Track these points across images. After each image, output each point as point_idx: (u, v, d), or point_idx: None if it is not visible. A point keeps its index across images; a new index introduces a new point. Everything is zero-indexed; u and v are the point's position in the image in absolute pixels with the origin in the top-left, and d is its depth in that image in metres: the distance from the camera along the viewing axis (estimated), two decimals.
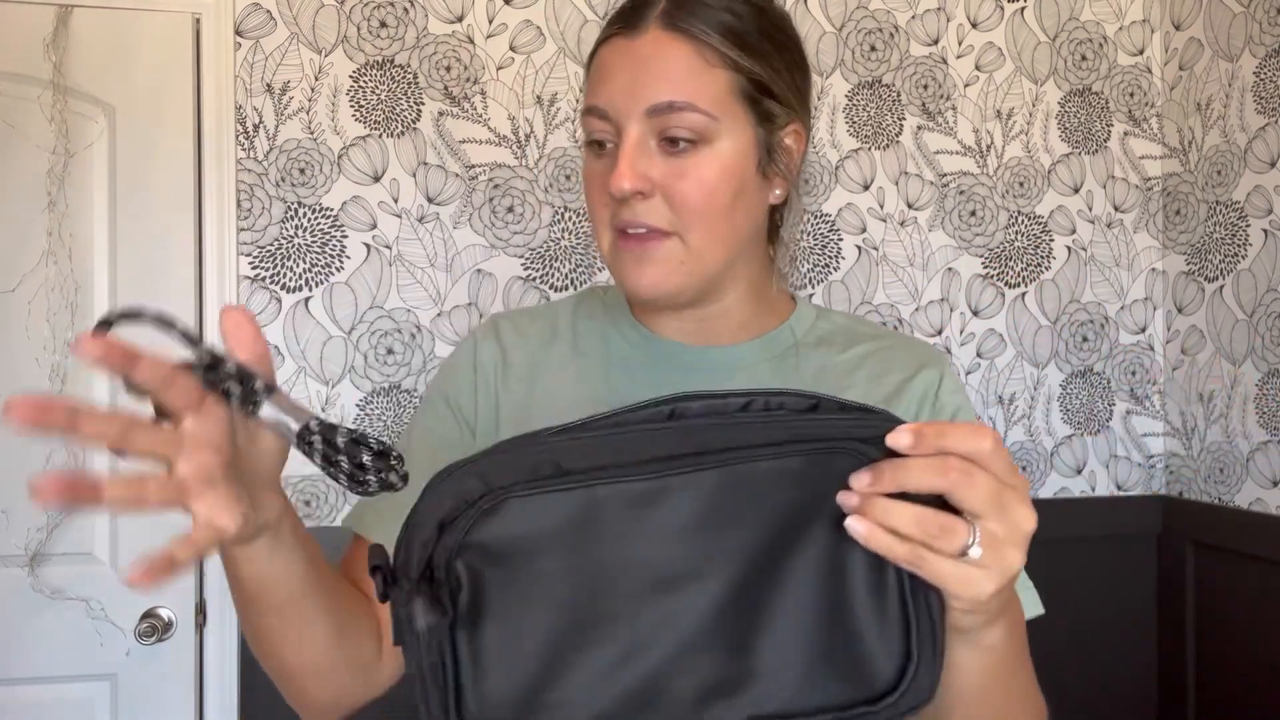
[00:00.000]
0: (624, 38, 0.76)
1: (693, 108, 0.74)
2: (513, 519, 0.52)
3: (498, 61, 1.91)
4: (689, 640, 0.53)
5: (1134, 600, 2.10)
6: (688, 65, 0.74)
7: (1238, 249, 1.93)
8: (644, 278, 0.76)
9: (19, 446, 1.72)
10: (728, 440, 0.52)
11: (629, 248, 0.77)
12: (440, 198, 1.89)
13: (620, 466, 0.52)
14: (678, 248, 0.76)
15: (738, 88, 0.77)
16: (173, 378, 0.53)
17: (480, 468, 0.52)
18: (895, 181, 2.05)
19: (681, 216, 0.75)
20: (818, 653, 0.54)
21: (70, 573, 1.73)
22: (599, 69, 0.78)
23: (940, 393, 0.84)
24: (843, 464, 0.53)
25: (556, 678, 0.53)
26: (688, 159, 0.75)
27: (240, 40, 1.82)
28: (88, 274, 1.75)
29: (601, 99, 0.76)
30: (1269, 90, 1.85)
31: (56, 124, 1.72)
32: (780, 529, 0.53)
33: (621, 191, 0.73)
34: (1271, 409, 1.85)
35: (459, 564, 0.52)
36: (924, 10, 2.06)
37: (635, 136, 0.75)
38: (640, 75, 0.74)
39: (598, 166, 0.78)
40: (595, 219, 0.79)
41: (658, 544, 0.53)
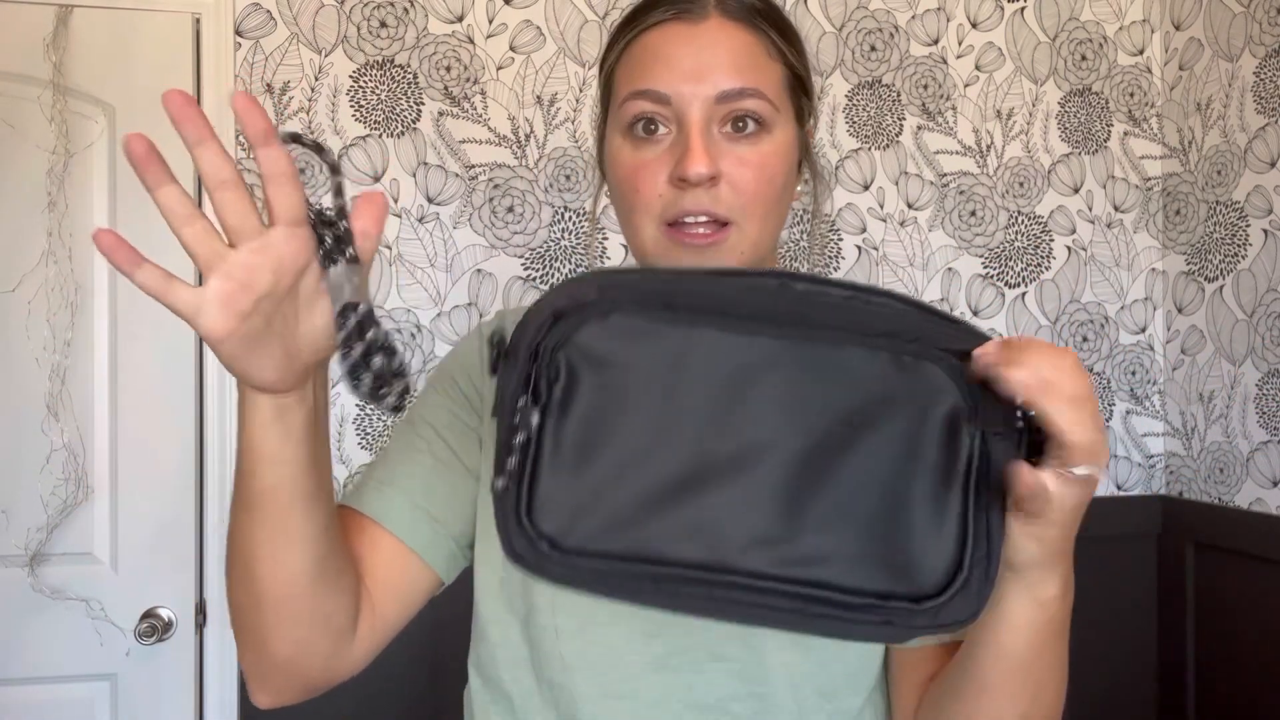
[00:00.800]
0: (683, 23, 0.75)
1: (761, 95, 0.74)
2: (615, 332, 0.55)
3: (498, 61, 1.91)
4: (748, 491, 0.55)
5: (1134, 600, 2.10)
6: (752, 53, 0.75)
7: (1238, 249, 1.93)
8: None
9: (18, 447, 1.72)
10: (831, 320, 0.55)
11: (690, 241, 0.74)
12: (440, 198, 1.89)
13: (722, 315, 0.55)
14: (738, 238, 0.74)
15: (787, 81, 0.77)
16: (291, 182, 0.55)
17: (600, 280, 0.56)
18: (895, 181, 2.05)
19: (744, 204, 0.74)
20: (866, 538, 0.55)
21: (70, 573, 1.73)
22: (653, 54, 0.75)
23: None
24: (930, 371, 0.55)
25: (618, 484, 0.55)
26: (751, 146, 0.74)
27: (240, 40, 1.82)
28: (88, 274, 1.75)
29: (661, 83, 0.74)
30: (1269, 90, 1.85)
31: (56, 124, 1.72)
32: (857, 416, 0.55)
33: (700, 175, 0.71)
34: (1271, 409, 1.85)
35: (561, 355, 0.55)
36: (924, 10, 2.07)
37: (704, 122, 0.73)
38: (707, 61, 0.73)
39: (646, 155, 0.75)
40: (637, 210, 0.76)
41: (738, 397, 0.55)
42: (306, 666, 0.73)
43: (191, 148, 0.53)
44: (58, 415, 1.72)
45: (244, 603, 0.71)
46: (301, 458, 0.64)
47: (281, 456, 0.63)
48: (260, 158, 0.54)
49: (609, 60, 0.80)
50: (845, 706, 0.78)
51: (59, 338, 1.73)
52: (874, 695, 0.80)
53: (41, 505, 1.72)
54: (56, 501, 1.72)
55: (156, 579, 1.76)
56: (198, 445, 1.79)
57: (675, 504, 0.55)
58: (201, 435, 1.79)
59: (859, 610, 0.55)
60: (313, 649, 0.72)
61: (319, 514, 0.68)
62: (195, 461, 1.78)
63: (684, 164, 0.72)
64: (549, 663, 0.78)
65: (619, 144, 0.77)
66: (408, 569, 0.79)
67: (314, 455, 0.66)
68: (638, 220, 0.76)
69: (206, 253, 0.55)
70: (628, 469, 0.55)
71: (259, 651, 0.72)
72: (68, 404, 1.73)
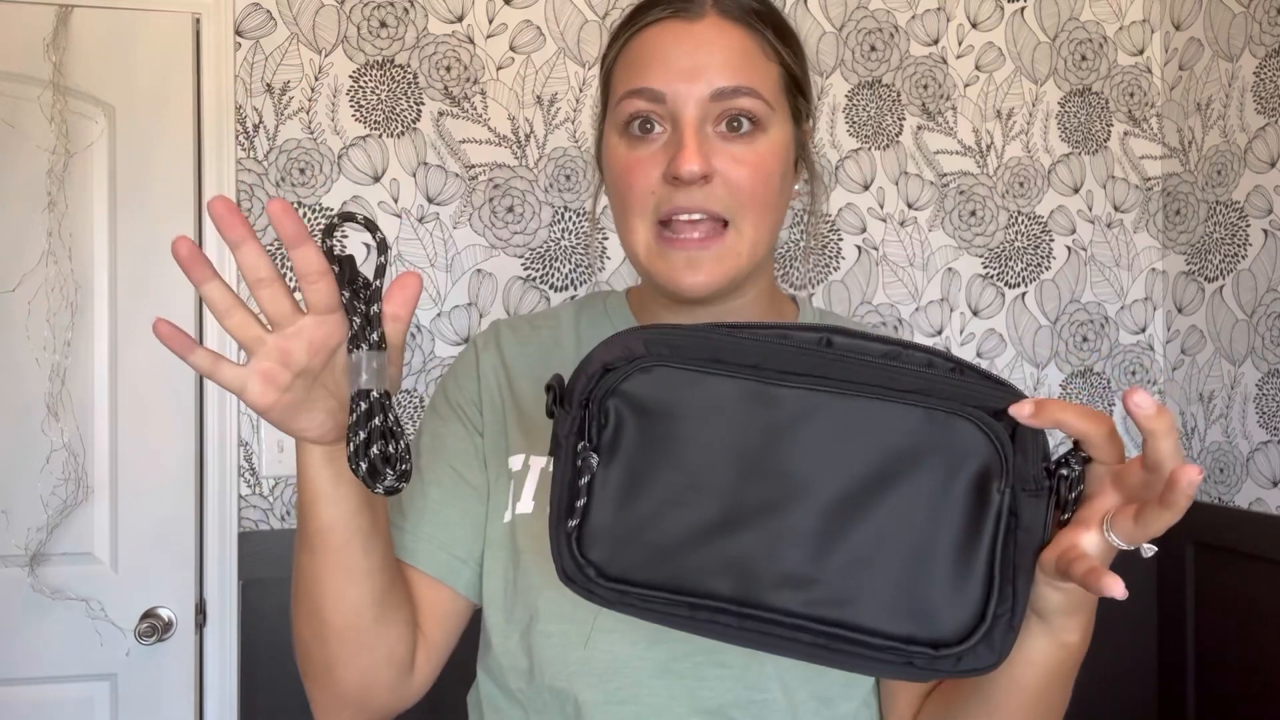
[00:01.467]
0: (679, 21, 0.75)
1: (756, 94, 0.74)
2: (662, 383, 0.59)
3: (498, 61, 1.91)
4: (781, 533, 0.58)
5: (1134, 600, 2.10)
6: (748, 53, 0.75)
7: (1238, 249, 1.93)
8: (698, 274, 0.74)
9: (19, 447, 1.72)
10: (867, 377, 0.57)
11: (683, 247, 0.74)
12: (440, 198, 1.89)
13: (765, 370, 0.58)
14: (735, 239, 0.75)
15: (783, 81, 0.78)
16: (323, 279, 0.60)
17: (647, 335, 0.60)
18: (895, 181, 2.05)
19: (739, 202, 0.74)
20: (891, 584, 0.58)
21: (70, 573, 1.73)
22: (649, 50, 0.75)
23: None
24: (963, 429, 0.57)
25: (658, 523, 0.59)
26: (746, 145, 0.74)
27: (240, 40, 1.82)
28: (88, 274, 1.75)
29: (656, 81, 0.74)
30: (1269, 90, 1.85)
31: (56, 124, 1.72)
32: (889, 467, 0.58)
33: (692, 173, 0.71)
34: (1271, 409, 1.85)
35: (610, 403, 0.60)
36: (924, 10, 2.07)
37: (698, 120, 0.73)
38: (703, 59, 0.73)
39: (641, 153, 0.75)
40: (631, 209, 0.76)
41: (775, 444, 0.59)
42: (373, 697, 0.77)
43: (233, 248, 0.59)
44: (58, 415, 1.72)
45: (311, 638, 0.75)
46: (353, 497, 0.69)
47: (335, 496, 0.68)
48: (295, 258, 0.60)
49: (608, 58, 0.81)
50: (841, 712, 0.79)
51: (59, 338, 1.73)
52: (869, 698, 0.81)
53: (41, 505, 1.72)
54: (56, 501, 1.72)
55: (156, 579, 1.76)
56: (198, 445, 1.79)
57: (712, 541, 0.59)
58: (201, 435, 1.79)
59: (881, 650, 0.58)
60: (378, 679, 0.76)
61: (376, 550, 0.72)
62: (195, 461, 1.78)
63: (677, 161, 0.72)
64: (552, 669, 0.78)
65: (615, 142, 0.77)
66: (441, 599, 0.82)
67: (366, 495, 0.70)
68: (632, 220, 0.76)
69: (248, 338, 0.62)
70: (669, 507, 0.59)
71: (327, 685, 0.76)
72: (68, 404, 1.73)
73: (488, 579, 0.83)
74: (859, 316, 2.02)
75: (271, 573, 1.80)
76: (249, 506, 1.81)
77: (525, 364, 0.87)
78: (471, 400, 0.86)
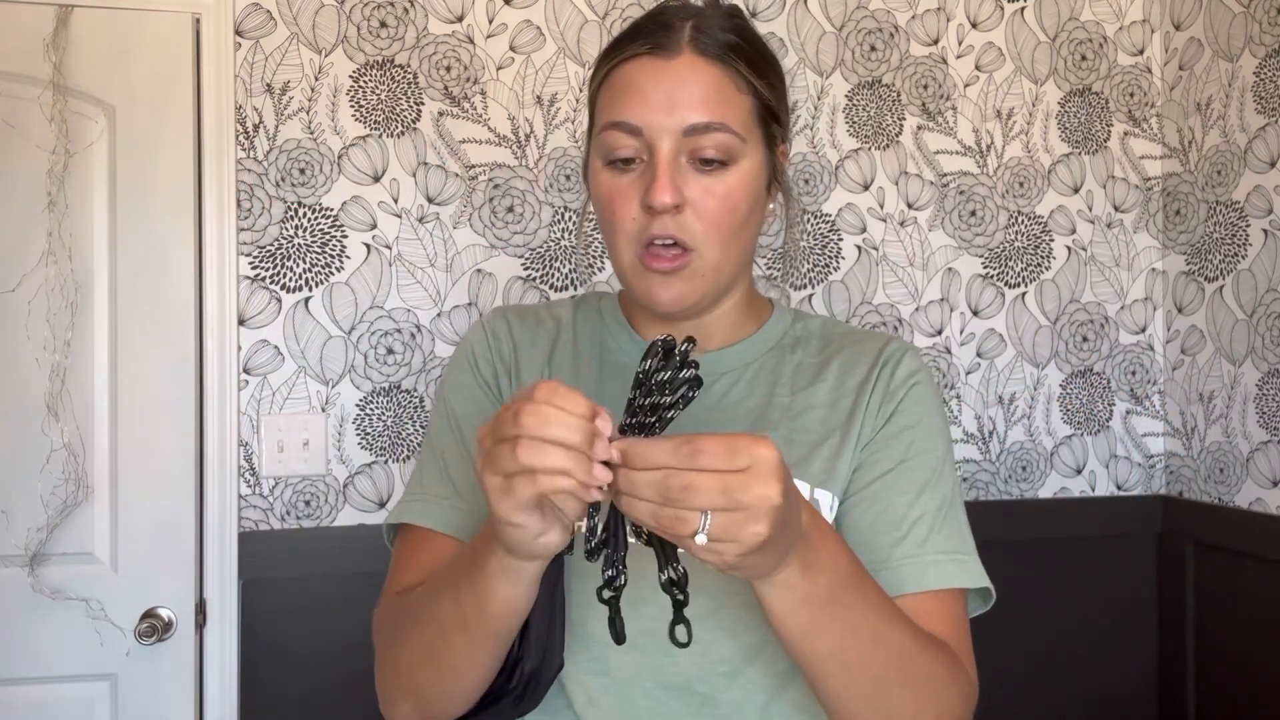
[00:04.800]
0: (656, 58, 0.80)
1: (726, 129, 0.79)
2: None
3: (498, 61, 1.91)
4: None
5: (1134, 600, 2.10)
6: (720, 88, 0.80)
7: (1238, 249, 1.93)
8: (670, 292, 0.81)
9: (18, 447, 1.72)
10: None
11: (659, 268, 0.80)
12: (440, 198, 1.89)
13: None
14: (699, 264, 0.80)
15: (756, 112, 0.82)
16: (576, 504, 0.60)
17: None
18: (895, 181, 2.05)
19: (706, 231, 0.80)
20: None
21: (70, 573, 1.73)
22: (628, 86, 0.80)
23: (897, 371, 0.87)
24: None
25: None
26: (716, 177, 0.80)
27: (240, 40, 1.82)
28: (88, 274, 1.75)
29: (634, 116, 0.79)
30: (1269, 90, 1.85)
31: (56, 124, 1.72)
32: None
33: (664, 205, 0.77)
34: (1271, 409, 1.84)
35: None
36: (924, 10, 2.06)
37: (672, 153, 0.79)
38: (678, 95, 0.79)
39: (621, 181, 0.81)
40: (616, 232, 0.82)
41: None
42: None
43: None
44: (58, 415, 1.72)
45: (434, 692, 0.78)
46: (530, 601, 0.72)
47: (523, 608, 0.72)
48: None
49: (593, 85, 0.86)
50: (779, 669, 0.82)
51: (59, 338, 1.73)
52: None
53: (41, 505, 1.71)
54: (56, 501, 1.72)
55: (156, 579, 1.76)
56: (198, 445, 1.79)
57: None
58: (201, 435, 1.79)
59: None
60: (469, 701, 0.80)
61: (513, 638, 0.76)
62: (195, 461, 1.78)
63: (651, 193, 0.78)
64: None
65: (598, 167, 0.83)
66: None
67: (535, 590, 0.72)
68: (618, 242, 0.82)
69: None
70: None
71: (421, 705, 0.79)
72: (68, 404, 1.73)
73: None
74: (859, 316, 2.02)
75: (271, 573, 1.80)
76: (249, 506, 1.81)
77: (532, 345, 0.92)
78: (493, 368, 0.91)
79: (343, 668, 1.78)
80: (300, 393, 1.83)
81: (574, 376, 0.89)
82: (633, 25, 0.84)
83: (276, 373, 1.83)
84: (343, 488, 1.84)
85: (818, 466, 0.83)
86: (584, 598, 0.80)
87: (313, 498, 1.83)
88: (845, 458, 0.84)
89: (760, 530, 0.58)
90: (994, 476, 2.07)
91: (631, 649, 0.79)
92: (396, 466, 1.87)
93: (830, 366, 0.88)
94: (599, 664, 0.81)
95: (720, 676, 0.81)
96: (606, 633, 0.78)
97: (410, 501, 0.87)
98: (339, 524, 1.83)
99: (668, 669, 0.81)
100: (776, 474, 0.58)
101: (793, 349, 0.90)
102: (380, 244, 1.86)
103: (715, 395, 0.87)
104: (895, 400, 0.85)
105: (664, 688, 0.81)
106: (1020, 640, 2.02)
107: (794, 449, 0.84)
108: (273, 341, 1.83)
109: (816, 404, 0.86)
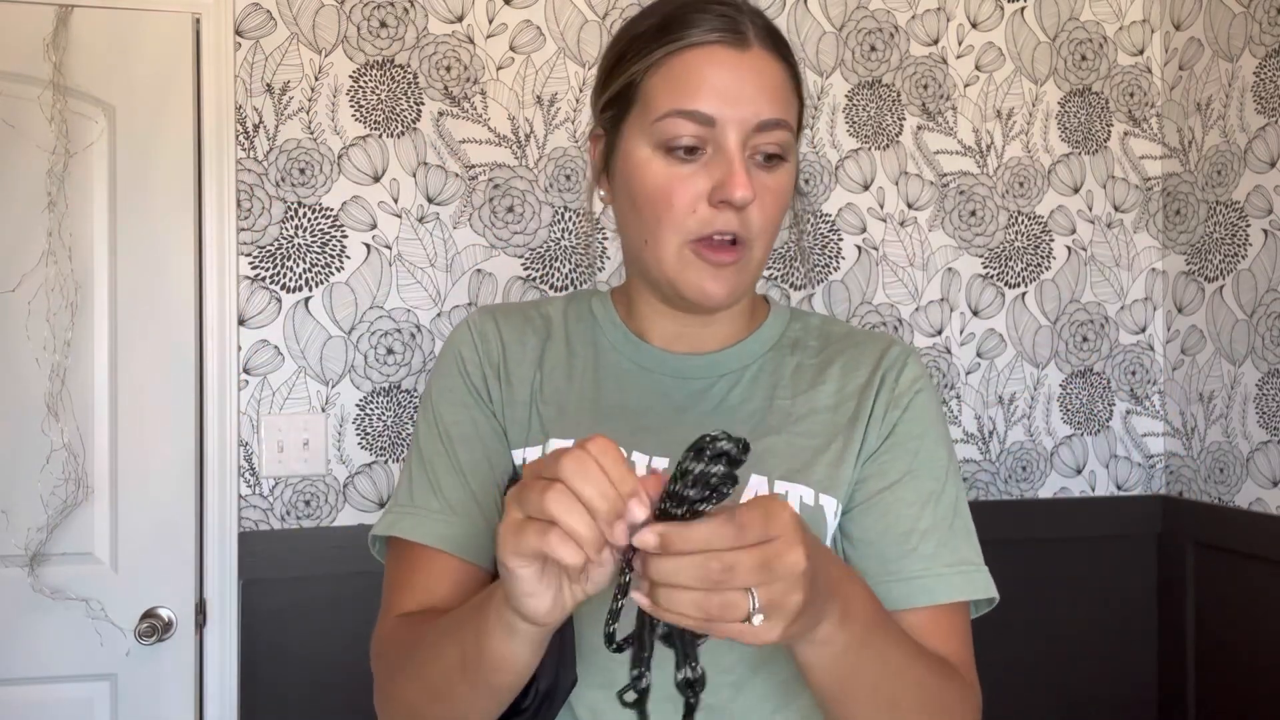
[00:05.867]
0: (730, 49, 0.77)
1: (788, 126, 0.79)
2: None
3: (498, 61, 1.91)
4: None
5: (1134, 600, 2.10)
6: (786, 86, 0.80)
7: (1238, 249, 1.93)
8: (723, 285, 0.79)
9: (18, 447, 1.72)
10: None
11: (719, 259, 0.78)
12: (440, 198, 1.89)
13: None
14: (748, 258, 0.80)
15: (799, 114, 0.83)
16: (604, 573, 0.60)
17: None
18: (895, 181, 2.05)
19: (761, 227, 0.79)
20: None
21: (70, 573, 1.73)
22: (698, 74, 0.77)
23: (901, 377, 0.85)
24: None
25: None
26: (773, 175, 0.79)
27: (240, 40, 1.82)
28: (88, 274, 1.75)
29: (707, 105, 0.76)
30: (1269, 90, 1.85)
31: (56, 124, 1.72)
32: None
33: (745, 200, 0.75)
34: (1271, 409, 1.84)
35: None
36: (924, 10, 2.06)
37: (741, 147, 0.77)
38: (752, 89, 0.77)
39: (683, 170, 0.77)
40: (666, 223, 0.78)
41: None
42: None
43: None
44: (58, 415, 1.72)
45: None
46: (534, 661, 0.70)
47: (530, 666, 0.70)
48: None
49: (637, 66, 0.80)
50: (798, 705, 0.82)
51: (59, 338, 1.73)
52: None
53: (41, 505, 1.71)
54: (56, 501, 1.72)
55: (156, 579, 1.76)
56: (198, 445, 1.79)
57: None
58: (201, 435, 1.79)
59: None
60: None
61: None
62: (195, 461, 1.78)
63: (729, 188, 0.75)
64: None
65: (648, 155, 0.79)
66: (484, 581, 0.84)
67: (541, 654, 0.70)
68: (665, 233, 0.78)
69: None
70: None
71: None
72: (68, 404, 1.73)
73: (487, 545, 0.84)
74: (859, 316, 2.02)
75: (271, 573, 1.80)
76: (249, 506, 1.81)
77: (520, 346, 0.89)
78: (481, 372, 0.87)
79: (343, 668, 1.78)
80: (300, 393, 1.83)
81: (568, 380, 0.87)
82: (680, 9, 0.79)
83: (276, 373, 1.83)
84: (343, 488, 1.84)
85: (821, 473, 0.82)
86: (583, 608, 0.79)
87: (313, 498, 1.83)
88: (848, 464, 0.83)
89: (798, 597, 0.56)
90: (994, 476, 2.07)
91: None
92: (396, 467, 1.87)
93: (831, 369, 0.87)
94: (605, 676, 0.79)
95: (727, 686, 0.79)
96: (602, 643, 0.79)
97: (400, 514, 0.84)
98: (339, 524, 1.84)
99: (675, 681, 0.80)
100: (799, 536, 0.56)
101: (791, 350, 0.89)
102: (380, 244, 1.86)
103: (714, 398, 0.85)
104: (900, 408, 0.84)
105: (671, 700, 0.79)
106: (1020, 640, 2.02)
107: (797, 455, 0.82)
108: (273, 341, 1.83)
109: (818, 408, 0.85)
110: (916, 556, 0.80)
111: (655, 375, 0.86)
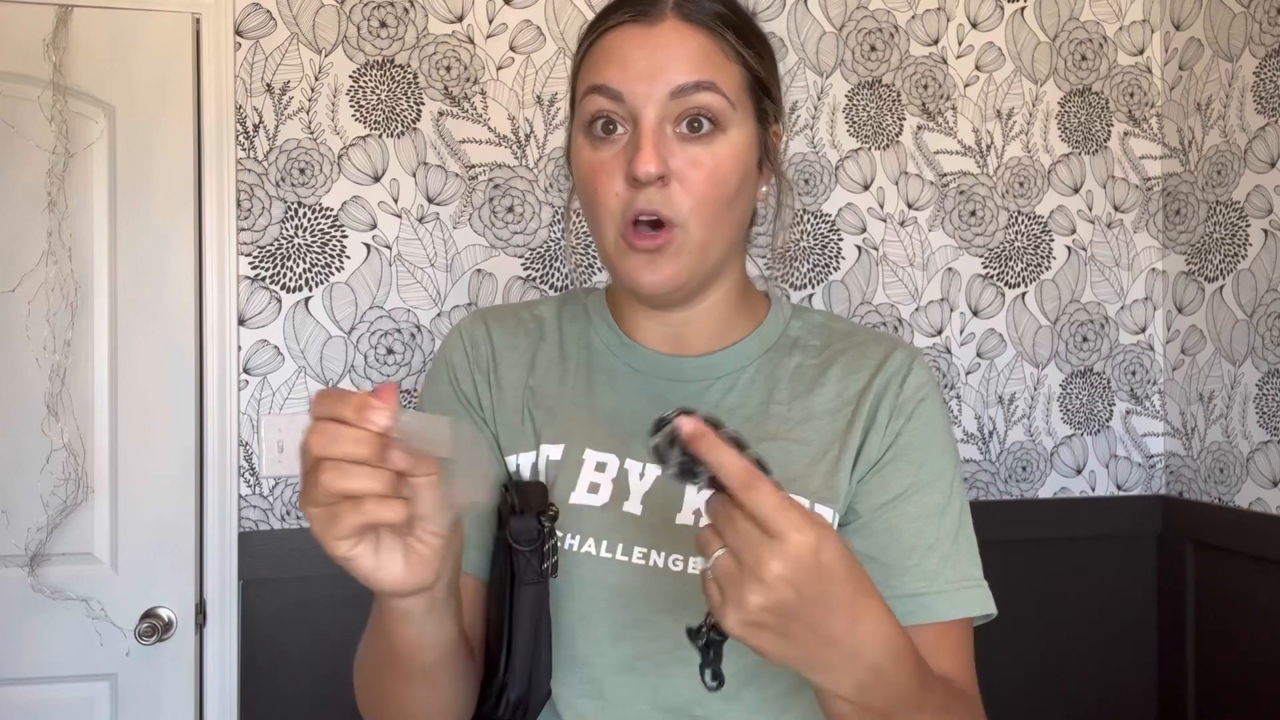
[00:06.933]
0: (639, 25, 0.76)
1: (714, 88, 0.75)
2: None
3: (498, 61, 1.91)
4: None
5: (1134, 600, 2.10)
6: (708, 53, 0.76)
7: (1238, 249, 1.93)
8: (656, 274, 0.76)
9: (18, 447, 1.72)
10: None
11: (643, 246, 0.75)
12: (440, 198, 1.89)
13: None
14: (683, 239, 0.76)
15: (746, 82, 0.78)
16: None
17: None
18: (895, 181, 2.05)
19: (692, 205, 0.75)
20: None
21: (70, 573, 1.73)
22: (609, 52, 0.77)
23: (906, 384, 0.83)
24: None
25: None
26: (704, 146, 0.75)
27: (240, 40, 1.82)
28: (88, 274, 1.75)
29: (615, 79, 0.75)
30: (1269, 90, 1.85)
31: (56, 124, 1.72)
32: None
33: (648, 174, 0.72)
34: (1271, 409, 1.84)
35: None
36: (924, 10, 2.06)
37: (657, 120, 0.74)
38: (662, 59, 0.74)
39: (603, 154, 0.76)
40: (600, 210, 0.77)
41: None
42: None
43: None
44: (58, 415, 1.72)
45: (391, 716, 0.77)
46: (447, 631, 0.68)
47: (445, 636, 0.68)
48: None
49: (574, 62, 0.82)
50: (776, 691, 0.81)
51: (59, 338, 1.73)
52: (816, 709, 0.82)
53: (41, 505, 1.71)
54: (56, 501, 1.72)
55: (156, 579, 1.76)
56: (198, 445, 1.79)
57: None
58: (201, 435, 1.79)
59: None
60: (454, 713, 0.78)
61: (459, 663, 0.73)
62: (195, 461, 1.78)
63: (634, 163, 0.73)
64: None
65: (580, 142, 0.79)
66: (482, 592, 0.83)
67: (456, 622, 0.69)
68: (601, 221, 0.78)
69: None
70: None
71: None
72: (68, 404, 1.73)
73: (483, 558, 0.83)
74: (859, 316, 2.02)
75: (271, 573, 1.80)
76: (249, 506, 1.81)
77: (512, 350, 0.87)
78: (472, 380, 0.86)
79: (343, 668, 1.77)
80: (300, 393, 1.83)
81: (560, 383, 0.85)
82: (611, 3, 0.80)
83: (276, 373, 1.83)
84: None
85: (817, 482, 0.80)
86: (572, 619, 0.78)
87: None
88: (844, 470, 0.80)
89: (755, 600, 0.55)
90: (994, 476, 2.07)
91: (627, 670, 0.77)
92: None
93: (831, 370, 0.84)
94: (592, 687, 0.78)
95: (718, 699, 0.77)
96: (598, 655, 0.78)
97: None
98: None
99: (663, 691, 0.78)
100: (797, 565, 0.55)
101: (790, 350, 0.86)
102: (380, 244, 1.86)
103: (709, 402, 0.83)
104: (904, 417, 0.82)
105: (660, 710, 0.78)
106: (1020, 640, 2.02)
107: (793, 463, 0.80)
108: (273, 341, 1.83)
109: (815, 413, 0.82)
110: (920, 573, 0.78)
111: (649, 378, 0.84)
